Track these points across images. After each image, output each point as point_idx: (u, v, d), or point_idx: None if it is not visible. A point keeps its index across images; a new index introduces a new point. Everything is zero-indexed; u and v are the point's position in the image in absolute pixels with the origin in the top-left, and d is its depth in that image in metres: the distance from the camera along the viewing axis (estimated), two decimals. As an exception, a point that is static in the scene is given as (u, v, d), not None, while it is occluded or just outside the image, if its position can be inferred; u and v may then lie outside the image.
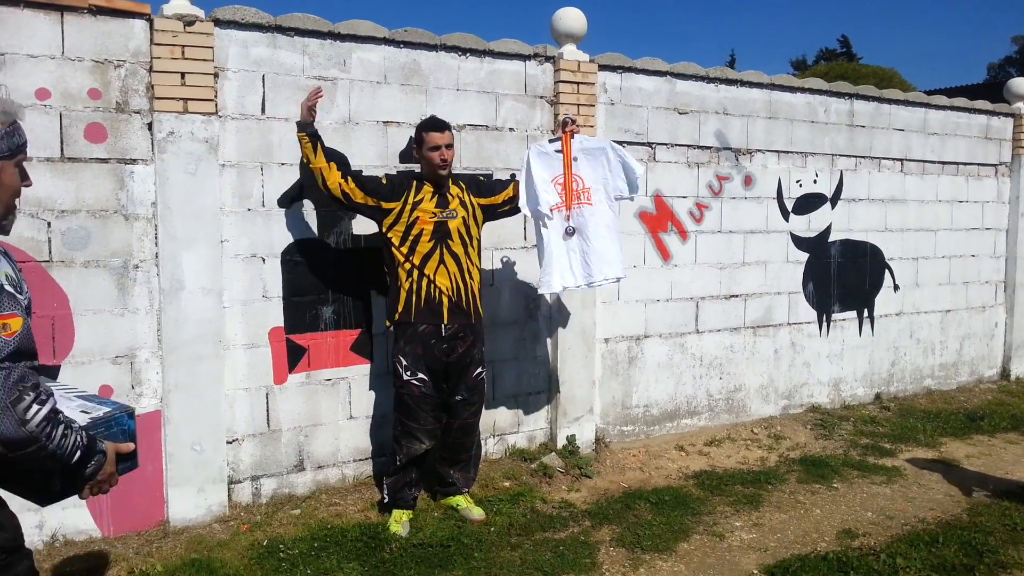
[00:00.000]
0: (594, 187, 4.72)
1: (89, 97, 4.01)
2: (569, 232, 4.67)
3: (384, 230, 4.36)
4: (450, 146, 4.35)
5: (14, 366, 1.96)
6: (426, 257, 4.32)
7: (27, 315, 2.06)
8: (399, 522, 4.39)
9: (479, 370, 4.55)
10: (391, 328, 4.48)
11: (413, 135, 4.53)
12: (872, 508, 4.88)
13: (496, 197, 4.60)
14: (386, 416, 4.83)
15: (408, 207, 4.32)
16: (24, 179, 2.20)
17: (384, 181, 4.37)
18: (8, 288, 2.02)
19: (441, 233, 4.35)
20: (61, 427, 2.02)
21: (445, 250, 4.36)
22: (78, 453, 2.06)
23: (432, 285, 4.34)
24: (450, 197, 4.42)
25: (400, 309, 4.37)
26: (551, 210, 4.65)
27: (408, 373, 4.36)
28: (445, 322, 4.38)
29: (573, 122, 4.69)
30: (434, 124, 4.37)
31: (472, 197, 4.51)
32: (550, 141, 4.74)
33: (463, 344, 4.44)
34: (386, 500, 4.49)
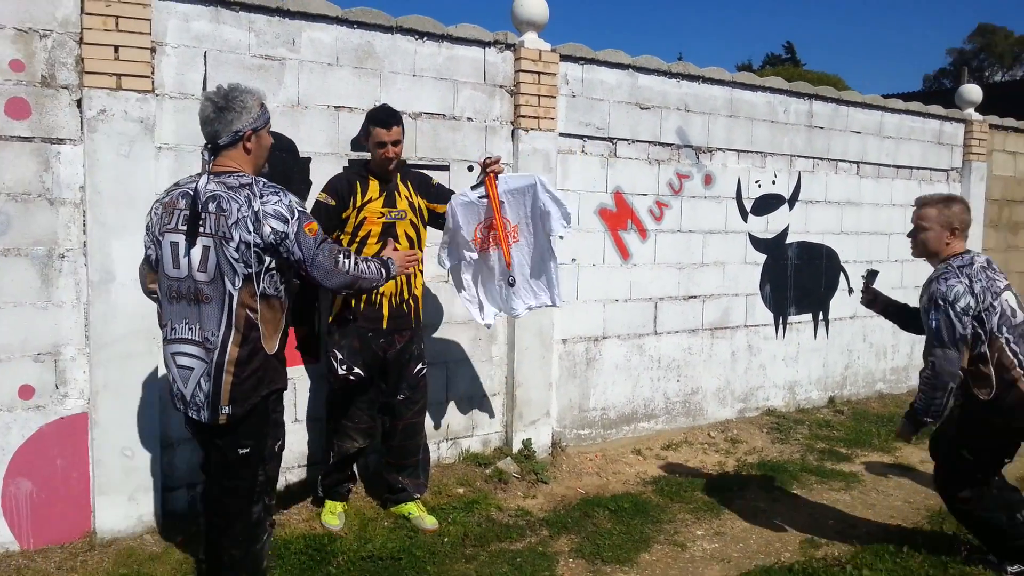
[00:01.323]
0: (521, 223, 4.40)
1: (11, 69, 3.65)
2: (511, 283, 4.41)
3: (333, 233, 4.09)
4: (397, 142, 4.08)
5: (327, 242, 2.96)
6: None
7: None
8: (334, 513, 4.24)
9: (420, 366, 4.33)
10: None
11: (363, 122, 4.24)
12: (833, 516, 4.78)
13: (443, 206, 4.31)
14: (333, 419, 4.55)
15: (355, 210, 4.07)
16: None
17: (333, 203, 4.02)
18: (301, 208, 2.91)
19: (388, 235, 4.08)
20: (363, 263, 3.07)
21: None
22: (382, 271, 3.17)
23: (378, 293, 4.10)
24: (398, 196, 4.17)
25: (337, 311, 4.14)
26: (471, 257, 4.40)
27: (343, 367, 4.11)
28: (384, 326, 4.17)
29: (495, 162, 4.24)
30: (381, 119, 4.05)
31: (420, 199, 4.27)
32: (472, 188, 4.28)
33: (402, 339, 4.22)
34: (320, 495, 4.31)
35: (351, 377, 4.13)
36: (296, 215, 2.85)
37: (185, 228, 2.80)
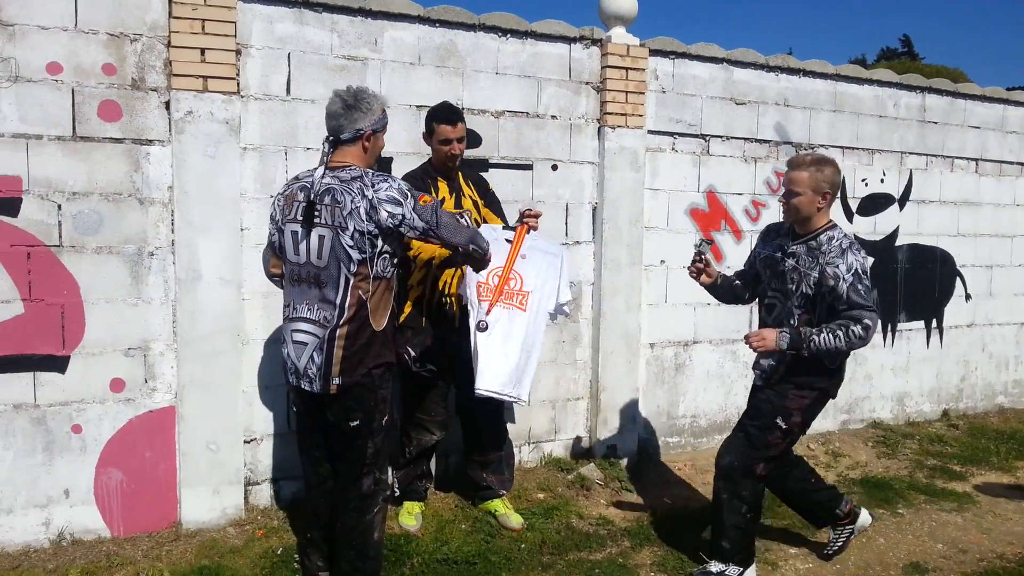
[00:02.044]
0: (533, 292, 3.97)
1: (103, 73, 3.78)
2: (481, 328, 3.85)
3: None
4: (462, 139, 4.02)
5: (441, 207, 3.20)
6: (445, 262, 3.90)
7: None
8: (411, 514, 4.21)
9: None
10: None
11: (426, 121, 4.12)
12: (942, 539, 4.43)
13: (493, 217, 4.23)
14: (413, 419, 4.53)
15: None
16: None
17: None
18: (409, 188, 3.11)
19: None
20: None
21: None
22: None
23: (444, 295, 4.07)
24: (463, 196, 4.14)
25: (408, 313, 4.07)
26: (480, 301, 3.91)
27: (416, 364, 4.08)
28: (457, 326, 4.09)
29: (534, 216, 4.00)
30: (445, 116, 3.98)
31: (480, 198, 4.22)
32: (504, 228, 4.05)
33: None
34: (396, 493, 4.27)
35: (424, 373, 4.10)
36: (408, 195, 3.07)
37: (303, 219, 3.04)
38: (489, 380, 3.83)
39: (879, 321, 3.54)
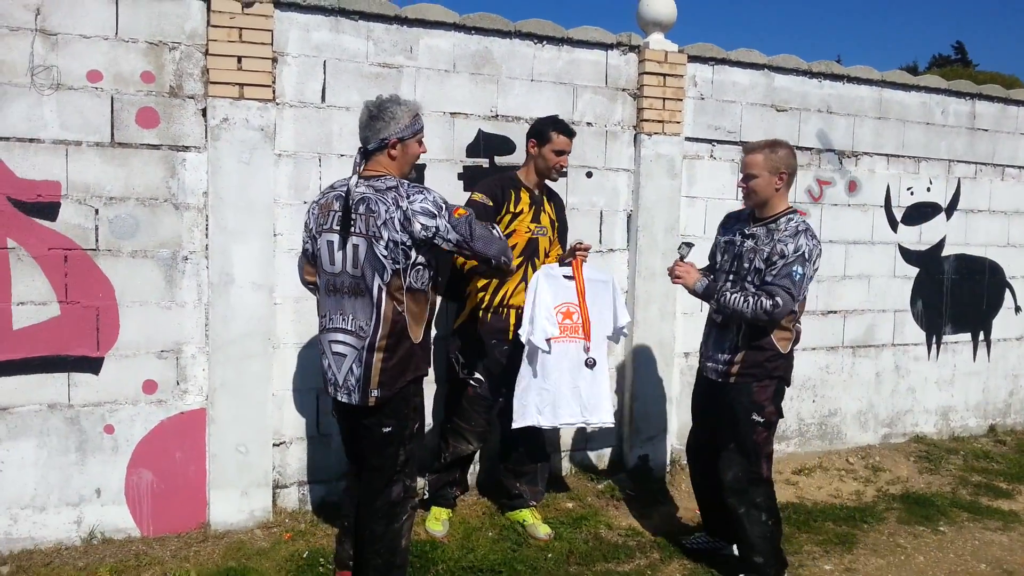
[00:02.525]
0: (596, 321, 4.17)
1: (142, 80, 3.85)
2: (589, 364, 4.12)
3: None
4: (568, 155, 4.20)
5: (475, 218, 3.19)
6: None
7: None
8: (438, 520, 4.20)
9: None
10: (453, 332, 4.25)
11: (536, 127, 4.20)
12: (986, 559, 4.30)
13: (556, 247, 4.33)
14: (443, 426, 4.52)
15: (508, 216, 4.07)
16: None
17: (491, 204, 4.03)
18: (445, 201, 3.11)
19: (531, 250, 4.14)
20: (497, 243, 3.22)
21: (531, 268, 4.13)
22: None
23: (505, 306, 4.12)
24: (542, 212, 4.20)
25: (464, 320, 4.13)
26: (547, 341, 4.02)
27: (464, 371, 4.14)
28: (510, 337, 4.14)
29: (585, 250, 4.10)
30: (565, 128, 4.16)
31: (556, 219, 4.31)
32: (560, 264, 4.13)
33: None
34: (426, 497, 4.27)
35: (471, 382, 4.13)
36: (444, 207, 3.06)
37: (339, 228, 3.06)
38: (606, 411, 4.20)
39: (792, 308, 3.62)
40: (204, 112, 3.95)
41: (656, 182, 5.03)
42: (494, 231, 3.28)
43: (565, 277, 4.09)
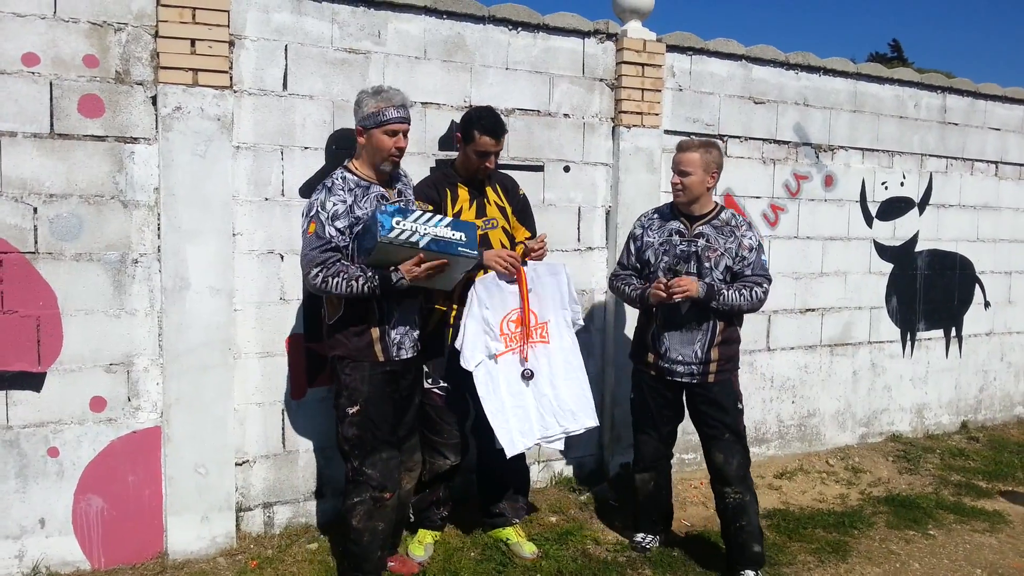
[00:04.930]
0: (551, 320, 3.87)
1: (84, 65, 3.48)
2: (527, 376, 3.78)
3: None
4: (499, 154, 3.80)
5: (317, 249, 3.18)
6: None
7: (325, 223, 3.21)
8: (421, 543, 3.90)
9: None
10: None
11: (458, 122, 3.86)
12: (980, 563, 4.17)
13: (521, 229, 3.98)
14: (417, 438, 4.23)
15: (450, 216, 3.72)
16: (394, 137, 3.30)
17: (430, 208, 3.63)
18: (316, 210, 3.21)
19: (485, 247, 3.73)
20: (334, 280, 3.15)
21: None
22: (365, 288, 3.18)
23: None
24: (487, 203, 3.83)
25: (431, 328, 3.80)
26: (495, 358, 3.73)
27: (429, 380, 3.81)
28: None
29: (537, 250, 3.80)
30: (491, 127, 3.66)
31: (508, 204, 3.93)
32: (502, 275, 3.75)
33: None
34: (411, 519, 3.96)
35: (437, 391, 3.83)
36: (306, 215, 3.25)
37: None
38: (568, 421, 3.88)
39: None
40: (154, 100, 3.59)
41: (635, 176, 4.82)
42: (315, 278, 3.18)
43: (509, 282, 3.75)
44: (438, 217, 3.29)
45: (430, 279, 3.31)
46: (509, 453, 3.72)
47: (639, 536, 4.15)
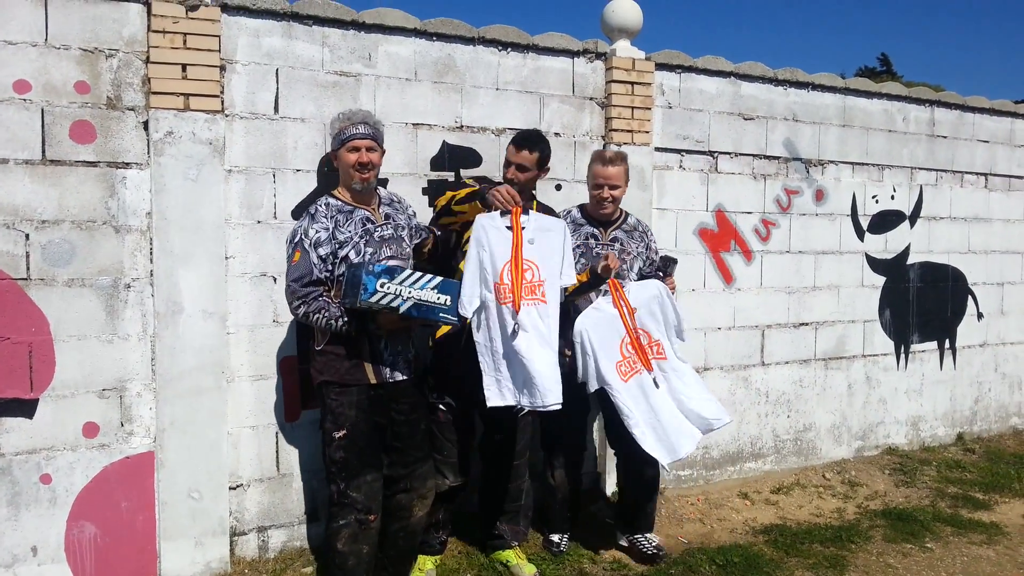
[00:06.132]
0: (549, 280, 3.56)
1: (76, 91, 3.49)
2: (514, 332, 3.46)
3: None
4: (521, 166, 3.84)
5: (299, 281, 3.27)
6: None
7: (309, 251, 3.28)
8: (422, 570, 3.85)
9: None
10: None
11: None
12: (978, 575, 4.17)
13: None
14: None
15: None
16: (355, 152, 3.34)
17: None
18: (298, 238, 3.29)
19: None
20: (315, 316, 3.25)
21: None
22: (343, 329, 3.26)
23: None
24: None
25: (437, 340, 3.81)
26: (501, 304, 3.49)
27: (433, 396, 3.79)
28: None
29: (514, 199, 3.59)
30: (515, 138, 3.91)
31: None
32: (501, 215, 3.57)
33: None
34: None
35: (440, 406, 3.82)
36: (290, 242, 3.34)
37: None
38: (548, 396, 3.47)
39: None
40: (146, 125, 3.61)
41: (627, 194, 4.82)
42: (298, 310, 3.29)
43: (507, 227, 3.51)
44: (427, 278, 3.27)
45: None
46: (489, 403, 3.54)
47: (555, 537, 4.28)
